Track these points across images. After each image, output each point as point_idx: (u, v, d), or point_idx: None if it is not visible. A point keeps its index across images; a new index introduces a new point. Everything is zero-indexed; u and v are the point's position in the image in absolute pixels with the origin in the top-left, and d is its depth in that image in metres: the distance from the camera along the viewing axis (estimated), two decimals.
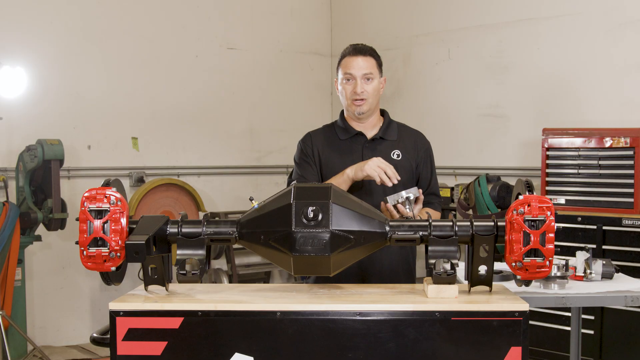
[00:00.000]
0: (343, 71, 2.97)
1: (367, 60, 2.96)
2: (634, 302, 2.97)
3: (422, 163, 3.05)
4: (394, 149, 3.01)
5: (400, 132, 3.07)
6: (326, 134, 3.07)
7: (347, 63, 2.96)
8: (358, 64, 2.94)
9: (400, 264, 2.99)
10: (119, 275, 2.32)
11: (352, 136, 3.03)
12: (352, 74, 2.94)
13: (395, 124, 3.09)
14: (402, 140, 3.05)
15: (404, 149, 3.02)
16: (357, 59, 2.95)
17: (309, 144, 3.04)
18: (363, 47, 2.99)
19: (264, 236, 2.21)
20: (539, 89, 5.74)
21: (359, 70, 2.94)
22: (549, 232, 2.15)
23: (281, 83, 7.16)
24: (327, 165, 3.00)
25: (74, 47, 5.98)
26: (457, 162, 6.29)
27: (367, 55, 2.97)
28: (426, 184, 3.06)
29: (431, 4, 6.55)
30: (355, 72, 2.94)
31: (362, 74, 2.94)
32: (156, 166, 6.41)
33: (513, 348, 2.14)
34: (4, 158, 5.63)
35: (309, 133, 3.10)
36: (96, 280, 5.88)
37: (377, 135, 3.02)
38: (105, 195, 2.20)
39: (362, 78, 2.94)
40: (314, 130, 3.12)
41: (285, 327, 2.16)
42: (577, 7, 5.48)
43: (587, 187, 4.97)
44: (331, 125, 3.11)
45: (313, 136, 3.07)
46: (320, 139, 3.05)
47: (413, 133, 3.11)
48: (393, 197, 2.78)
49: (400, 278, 2.95)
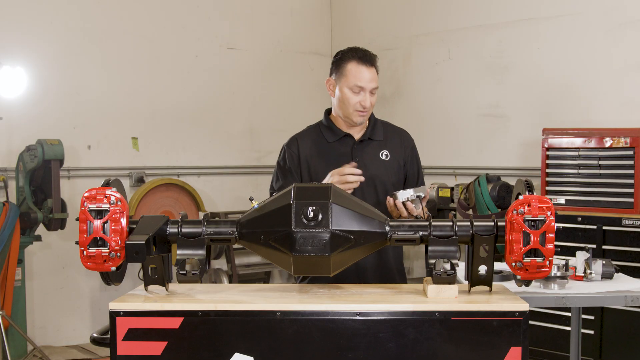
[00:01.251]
0: (352, 81, 2.87)
1: (374, 72, 2.91)
2: (634, 302, 2.97)
3: (409, 161, 3.04)
4: (382, 149, 3.00)
5: (386, 131, 3.05)
6: (313, 137, 3.01)
7: (358, 74, 2.87)
8: (370, 77, 2.88)
9: (395, 263, 2.99)
10: (119, 275, 2.32)
11: (340, 138, 2.99)
12: (364, 87, 2.87)
13: (380, 122, 3.07)
14: (389, 139, 3.03)
15: (391, 148, 3.01)
16: (368, 71, 2.88)
17: (295, 151, 2.98)
18: (371, 57, 2.92)
19: (264, 236, 2.21)
20: (539, 89, 5.74)
21: (370, 83, 2.88)
22: (549, 232, 2.15)
23: (281, 83, 7.16)
24: (315, 171, 2.94)
25: (74, 47, 5.98)
26: (457, 162, 6.29)
27: (373, 66, 2.91)
28: (414, 181, 3.04)
29: (431, 4, 6.55)
30: (367, 85, 2.87)
31: (372, 87, 2.89)
32: (156, 166, 6.41)
33: (513, 348, 2.14)
34: (4, 158, 5.63)
35: (294, 137, 3.03)
36: (96, 280, 5.88)
37: (365, 137, 3.00)
38: (105, 195, 2.20)
39: (370, 90, 2.89)
40: (299, 132, 3.05)
41: (285, 327, 2.16)
42: (577, 7, 5.48)
43: (587, 187, 4.97)
44: (316, 127, 3.05)
45: (300, 140, 3.00)
46: (307, 143, 2.99)
47: (398, 132, 3.09)
48: (403, 194, 2.75)
49: (395, 277, 2.95)
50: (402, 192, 2.76)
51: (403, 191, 2.76)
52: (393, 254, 2.98)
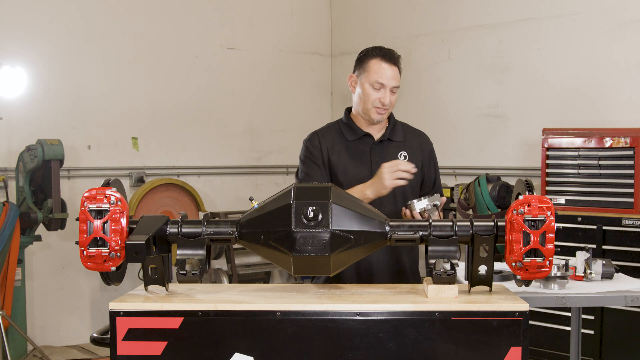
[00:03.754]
0: (374, 77, 2.88)
1: (397, 71, 2.91)
2: (634, 302, 2.97)
3: (427, 164, 3.05)
4: (401, 150, 3.00)
5: (405, 132, 3.05)
6: (333, 134, 3.00)
7: (380, 70, 2.88)
8: (393, 75, 2.89)
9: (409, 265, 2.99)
10: (119, 275, 2.32)
11: (360, 137, 2.99)
12: (384, 84, 2.88)
13: (400, 124, 3.07)
14: (408, 141, 3.03)
15: (410, 150, 3.01)
16: (390, 69, 2.89)
17: (317, 144, 2.97)
18: (394, 55, 2.92)
19: (264, 236, 2.21)
20: (539, 89, 5.74)
21: (391, 81, 2.88)
22: (549, 232, 2.15)
23: (281, 83, 7.16)
24: (338, 166, 2.94)
25: (74, 47, 5.98)
26: (457, 162, 6.29)
27: (396, 65, 2.91)
28: (431, 184, 3.06)
29: (431, 4, 6.55)
30: (388, 82, 2.88)
31: (393, 86, 2.89)
32: (156, 166, 6.41)
33: (513, 348, 2.13)
34: (4, 158, 5.63)
35: (315, 132, 3.02)
36: (96, 280, 5.88)
37: (385, 137, 3.00)
38: (105, 195, 2.20)
39: (391, 89, 2.90)
40: (320, 129, 3.05)
41: (285, 327, 2.16)
42: (577, 7, 5.48)
43: (587, 187, 4.97)
44: (336, 124, 3.05)
45: (320, 136, 2.99)
46: (328, 139, 2.98)
47: (417, 134, 3.10)
48: (419, 204, 2.75)
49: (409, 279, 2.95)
50: (417, 202, 2.76)
51: (418, 201, 2.76)
52: (407, 256, 2.98)
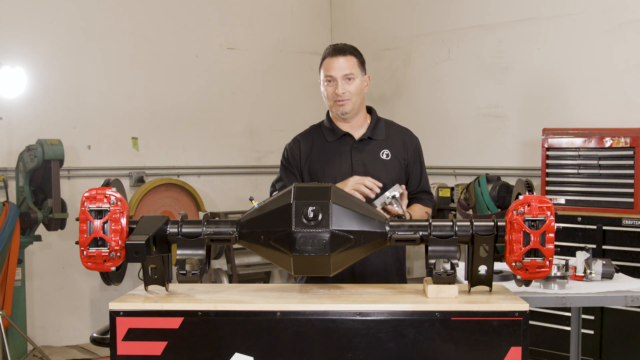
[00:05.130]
0: (324, 73, 2.94)
1: (348, 60, 2.92)
2: (634, 302, 2.97)
3: (411, 162, 3.03)
4: (383, 148, 2.99)
5: (389, 130, 3.05)
6: (314, 137, 3.04)
7: (328, 65, 2.93)
8: (338, 65, 2.91)
9: (394, 264, 2.98)
10: (119, 275, 2.32)
11: (340, 137, 3.00)
12: (333, 76, 2.91)
13: (383, 121, 3.06)
14: (391, 138, 3.02)
15: (392, 148, 3.00)
16: (337, 60, 2.92)
17: (296, 152, 3.02)
18: (343, 47, 2.96)
19: (264, 236, 2.21)
20: (539, 89, 5.74)
21: (339, 71, 2.91)
22: (549, 232, 2.15)
23: (281, 83, 7.15)
24: (314, 171, 2.97)
25: (74, 47, 5.98)
26: (457, 162, 6.29)
27: (347, 55, 2.93)
28: (417, 182, 3.04)
29: (431, 4, 6.55)
30: (336, 73, 2.91)
31: (343, 75, 2.91)
32: (156, 166, 6.41)
33: (513, 348, 2.14)
34: (4, 158, 5.63)
35: (297, 138, 3.07)
36: (96, 280, 5.88)
37: (365, 136, 3.00)
38: (105, 195, 2.20)
39: (342, 79, 2.91)
40: (301, 133, 3.09)
41: (285, 327, 2.16)
42: (577, 7, 5.48)
43: (587, 187, 4.97)
44: (318, 126, 3.09)
45: (301, 141, 3.04)
46: (307, 143, 3.02)
47: (401, 131, 3.08)
48: (379, 201, 2.78)
49: (394, 278, 2.95)
50: (378, 199, 2.79)
51: (379, 198, 2.79)
52: (392, 255, 2.97)
